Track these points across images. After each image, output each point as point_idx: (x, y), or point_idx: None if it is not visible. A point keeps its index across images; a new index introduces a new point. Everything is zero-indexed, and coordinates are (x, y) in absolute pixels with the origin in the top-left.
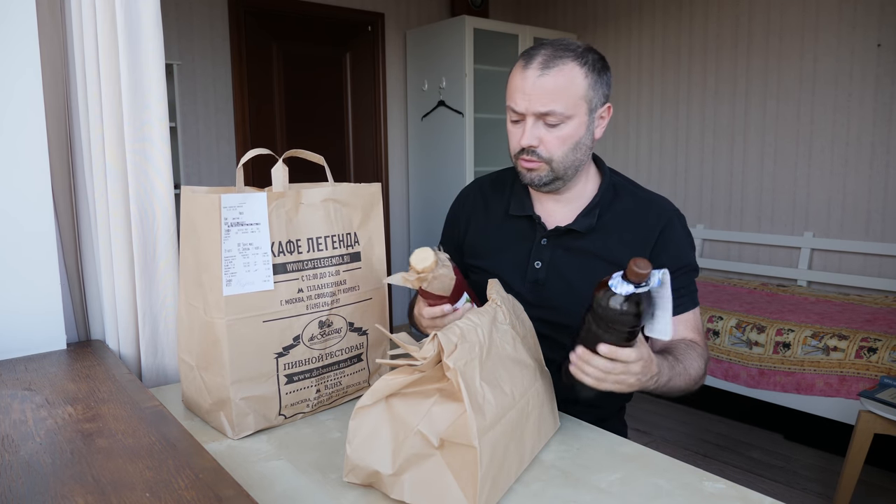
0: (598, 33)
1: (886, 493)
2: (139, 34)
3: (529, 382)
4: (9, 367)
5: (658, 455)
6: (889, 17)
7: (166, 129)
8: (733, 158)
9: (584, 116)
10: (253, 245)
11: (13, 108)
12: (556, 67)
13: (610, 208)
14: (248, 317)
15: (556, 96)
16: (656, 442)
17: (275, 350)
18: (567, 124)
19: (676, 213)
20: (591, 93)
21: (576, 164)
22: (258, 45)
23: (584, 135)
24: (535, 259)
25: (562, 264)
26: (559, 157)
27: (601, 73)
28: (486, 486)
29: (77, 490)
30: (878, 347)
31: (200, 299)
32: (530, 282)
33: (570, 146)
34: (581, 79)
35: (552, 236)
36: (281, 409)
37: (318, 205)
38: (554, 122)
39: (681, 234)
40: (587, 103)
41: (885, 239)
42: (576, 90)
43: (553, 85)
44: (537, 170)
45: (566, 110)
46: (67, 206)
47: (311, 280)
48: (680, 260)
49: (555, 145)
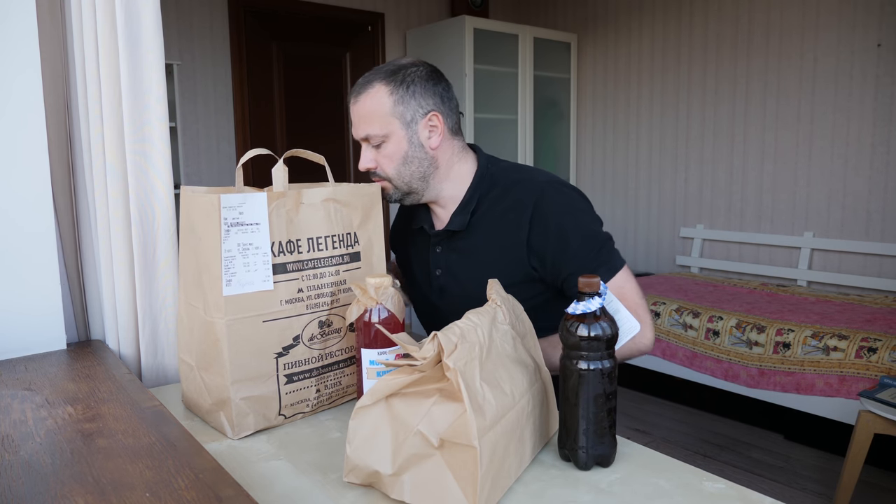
0: (599, 33)
1: (886, 493)
2: (139, 34)
3: (529, 382)
4: (9, 367)
5: (658, 455)
6: (889, 17)
7: (166, 129)
8: (733, 158)
9: (400, 132)
10: (253, 245)
11: (13, 107)
12: (364, 93)
13: (486, 199)
14: (248, 317)
15: (367, 119)
16: (656, 442)
17: (275, 350)
18: (388, 143)
19: (550, 184)
20: (401, 108)
21: (417, 175)
22: (258, 45)
23: (408, 148)
24: (435, 267)
25: (456, 267)
26: (394, 173)
27: (414, 84)
28: (486, 486)
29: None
30: (878, 347)
31: (200, 299)
32: (436, 289)
33: (399, 161)
34: (385, 97)
35: (442, 242)
36: (281, 409)
37: (319, 205)
38: (376, 142)
39: (559, 202)
40: (398, 118)
41: (885, 239)
42: (382, 109)
43: (364, 110)
44: (386, 188)
45: (379, 130)
46: (67, 206)
47: (311, 280)
48: (566, 230)
49: (386, 164)
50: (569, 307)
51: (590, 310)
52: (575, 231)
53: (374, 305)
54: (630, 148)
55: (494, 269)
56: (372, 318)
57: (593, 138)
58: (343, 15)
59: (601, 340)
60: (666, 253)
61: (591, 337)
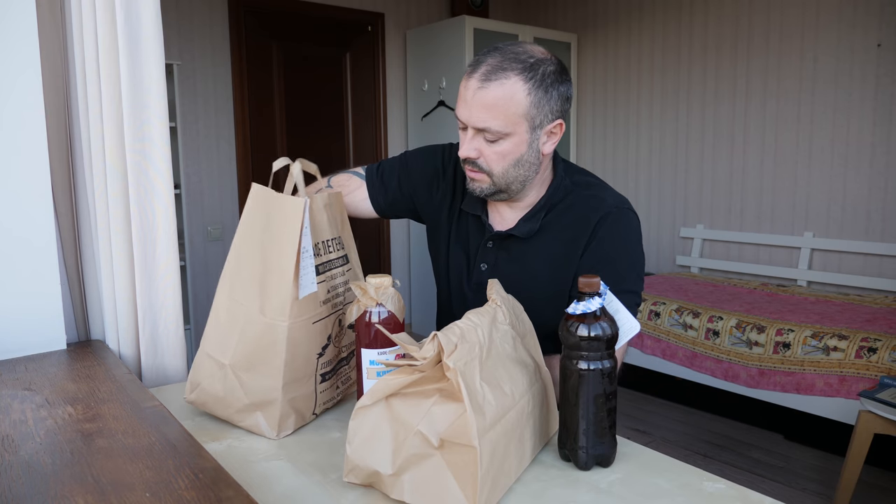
0: (599, 33)
1: (886, 493)
2: (139, 34)
3: (529, 382)
4: (9, 367)
5: (658, 455)
6: (889, 17)
7: (166, 129)
8: (733, 158)
9: (524, 135)
10: (306, 249)
11: (13, 108)
12: (496, 81)
13: (555, 209)
14: (303, 319)
15: (494, 113)
16: (656, 442)
17: (316, 350)
18: (506, 141)
19: (617, 208)
20: (535, 111)
21: (520, 179)
22: (258, 45)
23: (525, 152)
24: (480, 261)
25: (503, 267)
26: (499, 171)
27: (551, 87)
28: (486, 486)
29: (77, 490)
30: (878, 347)
31: (256, 299)
32: (476, 283)
33: (511, 163)
34: (522, 96)
35: (496, 239)
36: (315, 407)
37: (323, 210)
38: (491, 137)
39: (617, 231)
40: (528, 121)
41: (885, 239)
42: (515, 108)
43: (491, 100)
44: (479, 181)
45: (503, 128)
46: (67, 206)
47: (332, 281)
48: (614, 259)
49: (494, 160)
50: (569, 307)
51: (590, 310)
52: (617, 265)
53: (373, 306)
54: (630, 148)
55: (540, 279)
56: (372, 319)
57: (593, 138)
58: (343, 15)
59: (601, 340)
60: (666, 253)
61: (591, 337)
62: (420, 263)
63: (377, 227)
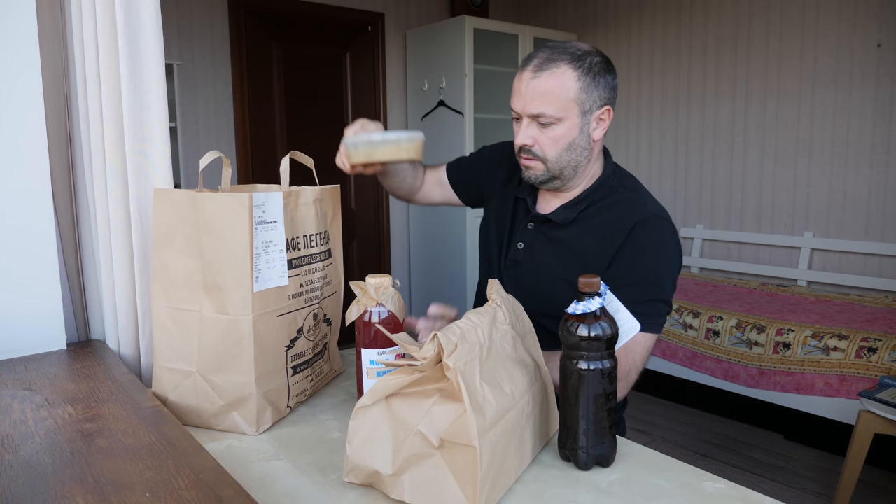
0: (599, 33)
1: (886, 493)
2: (139, 34)
3: (529, 382)
4: (9, 367)
5: (658, 455)
6: (889, 17)
7: (166, 129)
8: (733, 158)
9: (575, 119)
10: (272, 242)
11: (13, 107)
12: (548, 70)
13: (596, 203)
14: (268, 312)
15: (547, 99)
16: (656, 442)
17: (284, 343)
18: (559, 125)
19: (656, 216)
20: (584, 95)
21: (572, 164)
22: (258, 45)
23: (577, 136)
24: (518, 240)
25: (539, 250)
26: (553, 156)
27: (598, 75)
28: (486, 486)
29: (77, 490)
30: (878, 347)
31: (208, 301)
32: (511, 260)
33: (564, 146)
34: (573, 82)
35: (536, 221)
36: (289, 400)
37: (311, 204)
38: (545, 122)
39: (653, 238)
40: (578, 106)
41: (885, 239)
42: (566, 93)
43: (544, 87)
44: (534, 168)
45: (556, 112)
46: (67, 206)
47: (308, 275)
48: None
49: (548, 145)
50: (569, 307)
51: (590, 310)
52: (649, 271)
53: (374, 306)
54: (630, 148)
55: (572, 268)
56: (372, 319)
57: None
58: (343, 15)
59: (601, 340)
60: None
61: (591, 337)
62: (420, 263)
63: (377, 227)
